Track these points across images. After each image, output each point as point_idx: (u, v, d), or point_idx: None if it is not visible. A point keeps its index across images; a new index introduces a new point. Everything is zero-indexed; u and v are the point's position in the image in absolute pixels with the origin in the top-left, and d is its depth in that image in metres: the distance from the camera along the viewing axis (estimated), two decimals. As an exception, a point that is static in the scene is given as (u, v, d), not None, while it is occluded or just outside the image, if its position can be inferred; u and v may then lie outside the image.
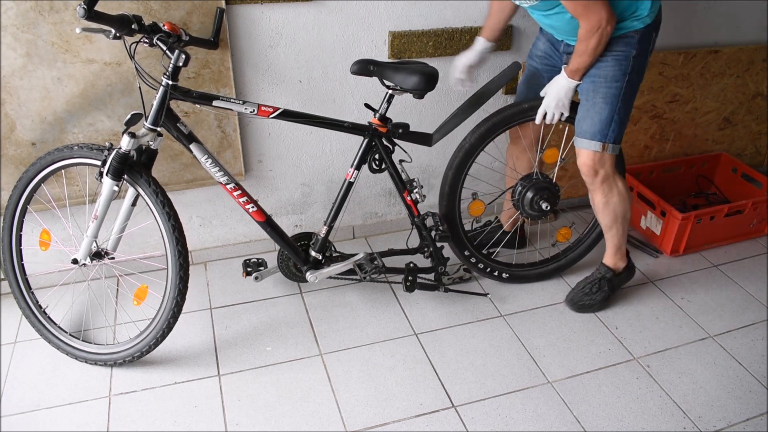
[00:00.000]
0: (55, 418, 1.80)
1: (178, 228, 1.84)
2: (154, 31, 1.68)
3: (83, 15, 1.50)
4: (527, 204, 2.20)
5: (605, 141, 1.94)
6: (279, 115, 1.84)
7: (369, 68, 1.85)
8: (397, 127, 1.96)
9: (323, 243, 2.07)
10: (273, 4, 2.05)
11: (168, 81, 1.70)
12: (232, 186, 1.89)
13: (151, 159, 1.83)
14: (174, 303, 1.87)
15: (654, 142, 2.85)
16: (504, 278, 2.34)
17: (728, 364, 2.05)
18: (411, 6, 2.20)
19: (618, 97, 1.90)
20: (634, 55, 1.86)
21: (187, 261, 1.86)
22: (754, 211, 2.62)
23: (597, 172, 1.99)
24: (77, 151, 1.82)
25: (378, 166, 2.00)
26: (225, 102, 1.79)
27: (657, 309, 2.28)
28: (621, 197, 2.07)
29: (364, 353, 2.05)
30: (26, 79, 1.90)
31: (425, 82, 1.84)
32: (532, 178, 2.19)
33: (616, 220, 2.12)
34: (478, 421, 1.82)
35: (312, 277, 2.08)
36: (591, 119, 1.94)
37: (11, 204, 1.94)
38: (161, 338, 1.90)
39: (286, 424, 1.80)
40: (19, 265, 2.00)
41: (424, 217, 2.12)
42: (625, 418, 1.84)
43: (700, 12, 2.61)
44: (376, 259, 2.12)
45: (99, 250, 1.95)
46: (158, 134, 1.79)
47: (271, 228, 1.98)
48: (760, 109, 2.96)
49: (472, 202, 2.24)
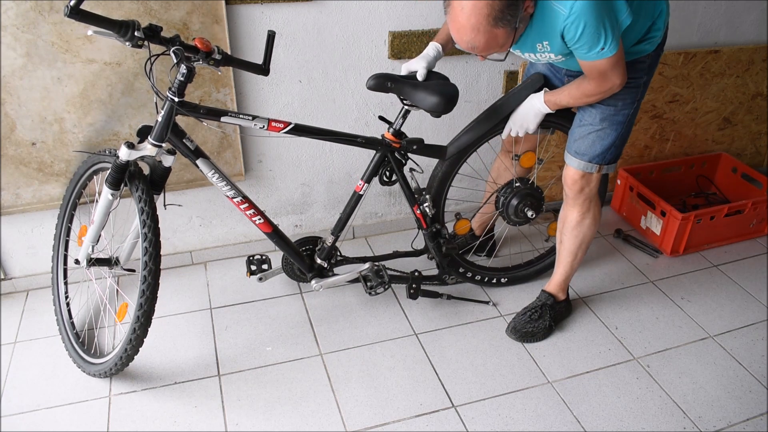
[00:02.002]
0: (55, 418, 1.80)
1: (154, 250, 1.72)
2: (165, 40, 1.55)
3: (66, 13, 1.39)
4: (512, 212, 2.16)
5: (602, 164, 1.88)
6: (290, 130, 1.78)
7: (386, 85, 1.76)
8: (411, 143, 1.91)
9: (329, 251, 2.06)
10: (273, 4, 2.05)
11: (174, 97, 1.63)
12: (240, 199, 1.86)
13: (162, 177, 1.78)
14: (136, 320, 1.75)
15: (654, 142, 2.85)
16: (503, 283, 2.34)
17: (728, 364, 2.05)
18: (411, 6, 2.20)
19: (624, 123, 1.84)
20: (644, 81, 1.80)
21: (155, 281, 1.74)
22: (754, 211, 2.62)
23: (582, 189, 1.94)
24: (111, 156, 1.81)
25: (389, 179, 1.97)
26: (234, 118, 1.71)
27: (657, 309, 2.28)
28: (594, 221, 2.01)
29: (364, 353, 2.05)
30: (26, 79, 1.90)
31: (445, 105, 1.75)
32: (513, 185, 2.14)
33: (580, 246, 2.05)
34: (478, 421, 1.82)
35: (317, 285, 2.08)
36: (591, 142, 1.86)
37: (66, 197, 2.05)
38: (132, 352, 1.81)
39: (286, 424, 1.80)
40: (63, 255, 2.10)
41: (433, 229, 2.10)
42: (625, 418, 1.84)
43: (700, 12, 2.61)
44: (381, 272, 2.11)
45: (109, 258, 1.94)
46: (171, 152, 1.74)
47: (278, 238, 1.97)
48: (760, 109, 2.96)
49: (456, 222, 2.22)
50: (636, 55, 1.75)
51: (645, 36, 1.72)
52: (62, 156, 2.05)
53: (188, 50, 1.57)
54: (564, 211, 2.04)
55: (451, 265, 2.20)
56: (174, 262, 2.41)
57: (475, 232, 2.46)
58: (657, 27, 1.73)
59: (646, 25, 1.70)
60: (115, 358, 1.82)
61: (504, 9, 1.45)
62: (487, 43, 1.52)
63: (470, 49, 1.55)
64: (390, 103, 2.35)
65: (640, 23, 1.68)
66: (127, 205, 2.07)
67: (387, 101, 2.35)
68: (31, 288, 2.28)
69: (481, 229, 2.44)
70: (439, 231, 2.10)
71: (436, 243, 2.11)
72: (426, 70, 1.80)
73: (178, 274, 2.37)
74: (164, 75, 2.01)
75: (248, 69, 1.72)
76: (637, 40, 1.72)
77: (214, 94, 2.10)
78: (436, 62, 1.85)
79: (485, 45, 1.52)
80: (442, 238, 2.11)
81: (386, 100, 2.35)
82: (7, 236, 2.17)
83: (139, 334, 1.76)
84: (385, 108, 2.36)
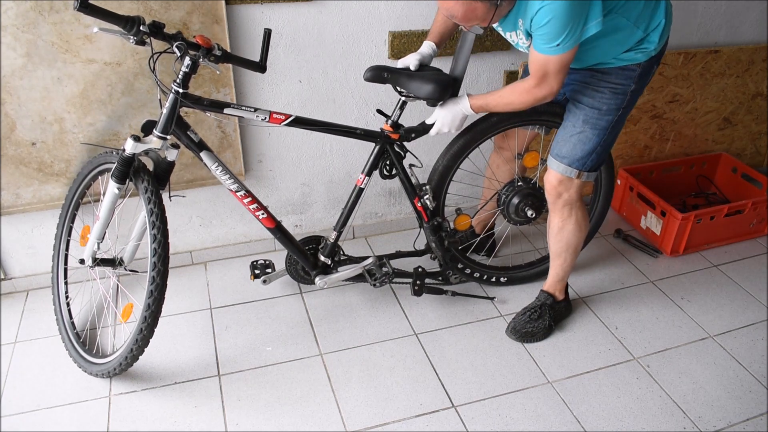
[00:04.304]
0: (55, 418, 1.80)
1: (162, 251, 1.75)
2: (169, 36, 1.60)
3: (75, 6, 1.45)
4: (513, 211, 2.16)
5: (581, 170, 1.88)
6: (291, 122, 1.81)
7: (383, 75, 1.81)
8: (409, 133, 1.93)
9: (332, 248, 2.07)
10: (273, 4, 2.05)
11: (179, 89, 1.66)
12: (243, 193, 1.87)
13: (166, 171, 1.80)
14: (144, 320, 1.75)
15: (654, 142, 2.85)
16: (503, 282, 2.34)
17: (728, 364, 2.05)
18: (411, 6, 2.20)
19: (607, 129, 1.83)
20: (632, 89, 1.79)
21: (163, 281, 1.76)
22: (754, 211, 2.62)
23: (560, 195, 1.93)
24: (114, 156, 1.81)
25: (389, 172, 1.98)
26: (236, 110, 1.74)
27: (657, 309, 2.28)
28: (578, 226, 2.00)
29: (364, 353, 2.05)
30: (26, 79, 1.90)
31: (440, 92, 1.80)
32: (515, 184, 2.14)
33: (566, 250, 2.05)
34: (478, 421, 1.82)
35: (321, 282, 2.08)
36: (573, 146, 1.86)
37: (68, 197, 2.05)
38: (137, 352, 1.81)
39: (286, 424, 1.80)
40: (64, 255, 2.10)
41: (434, 222, 2.10)
42: (625, 418, 1.84)
43: (700, 12, 2.61)
44: (385, 265, 2.11)
45: (114, 258, 1.94)
46: (175, 146, 1.76)
47: (281, 234, 1.97)
48: (760, 109, 2.96)
49: (457, 218, 2.22)
50: (625, 62, 1.76)
51: (636, 46, 1.73)
52: (62, 156, 2.05)
53: (190, 46, 1.62)
54: (549, 215, 2.04)
55: (451, 260, 2.20)
56: (174, 262, 2.38)
57: (475, 229, 2.46)
58: (650, 40, 1.73)
59: (636, 36, 1.71)
60: (120, 357, 1.82)
61: None
62: (465, 14, 1.54)
63: (450, 17, 1.59)
64: (390, 103, 2.35)
65: (628, 32, 1.69)
66: (133, 207, 2.08)
67: (387, 101, 2.35)
68: (31, 288, 2.28)
69: (481, 227, 2.44)
70: (441, 224, 2.10)
71: (438, 237, 2.11)
72: (419, 62, 1.84)
73: (178, 274, 2.37)
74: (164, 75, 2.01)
75: (246, 66, 1.76)
76: (625, 48, 1.73)
77: (214, 93, 2.10)
78: (431, 60, 1.88)
79: (463, 15, 1.55)
80: (444, 232, 2.11)
81: (386, 99, 2.35)
82: (7, 236, 2.17)
83: (145, 334, 1.77)
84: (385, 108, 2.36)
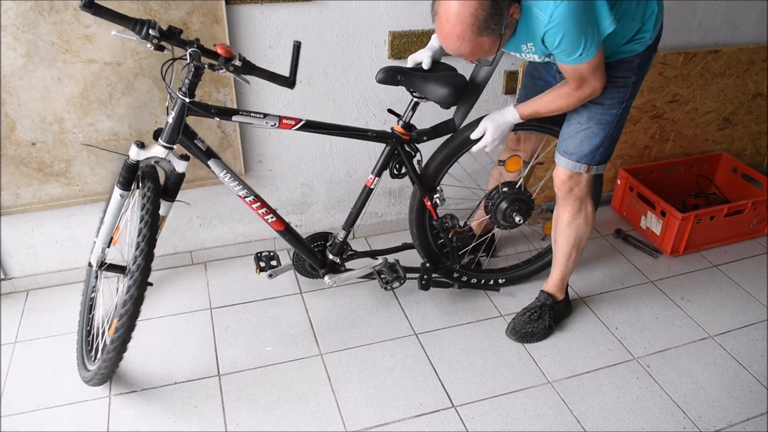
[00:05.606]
0: (55, 418, 1.80)
1: (146, 246, 1.64)
2: (184, 43, 1.55)
3: (81, 6, 1.42)
4: (501, 217, 2.14)
5: (590, 164, 1.88)
6: (302, 126, 1.79)
7: (397, 77, 1.78)
8: (421, 135, 1.93)
9: (341, 246, 2.07)
10: (273, 4, 2.05)
11: (185, 98, 1.61)
12: (252, 198, 1.86)
13: (175, 184, 1.75)
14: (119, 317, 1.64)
15: (654, 142, 2.85)
16: (501, 284, 2.34)
17: (728, 364, 2.05)
18: (411, 6, 2.20)
19: (612, 123, 1.83)
20: (633, 81, 1.78)
21: (144, 277, 1.64)
22: (754, 211, 2.62)
23: (571, 189, 1.93)
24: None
25: (398, 172, 1.98)
26: (245, 116, 1.72)
27: (657, 309, 2.28)
28: (587, 220, 2.00)
29: (364, 353, 2.05)
30: (26, 79, 1.90)
31: (454, 96, 1.77)
32: (500, 191, 2.12)
33: (575, 245, 2.04)
34: (478, 421, 1.82)
35: (331, 281, 2.08)
36: (580, 142, 1.86)
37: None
38: (110, 362, 1.71)
39: (286, 424, 1.80)
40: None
41: (443, 221, 2.10)
42: (625, 418, 1.84)
43: (700, 12, 2.61)
44: (395, 266, 2.11)
45: (124, 267, 1.88)
46: (185, 158, 1.72)
47: (290, 236, 1.97)
48: (760, 109, 2.96)
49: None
50: (624, 54, 1.75)
51: (634, 37, 1.72)
52: (62, 156, 2.05)
53: (207, 55, 1.57)
54: (556, 211, 2.04)
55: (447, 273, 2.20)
56: (174, 262, 2.41)
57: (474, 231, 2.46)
58: (646, 28, 1.72)
59: (634, 27, 1.70)
60: (96, 368, 1.76)
61: (488, 18, 1.46)
62: (473, 50, 1.54)
63: (458, 56, 1.58)
64: (390, 102, 2.35)
65: (628, 25, 1.68)
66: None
67: (387, 101, 2.35)
68: (31, 288, 2.28)
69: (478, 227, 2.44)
70: (451, 220, 2.11)
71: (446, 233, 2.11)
72: (431, 59, 1.83)
73: (178, 274, 2.37)
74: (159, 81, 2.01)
75: (272, 80, 1.68)
76: (625, 41, 1.72)
77: (214, 94, 2.10)
78: (442, 53, 1.87)
79: (471, 52, 1.55)
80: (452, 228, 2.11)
81: (386, 99, 2.35)
82: (7, 236, 2.17)
83: (121, 333, 1.65)
84: (385, 108, 2.36)
